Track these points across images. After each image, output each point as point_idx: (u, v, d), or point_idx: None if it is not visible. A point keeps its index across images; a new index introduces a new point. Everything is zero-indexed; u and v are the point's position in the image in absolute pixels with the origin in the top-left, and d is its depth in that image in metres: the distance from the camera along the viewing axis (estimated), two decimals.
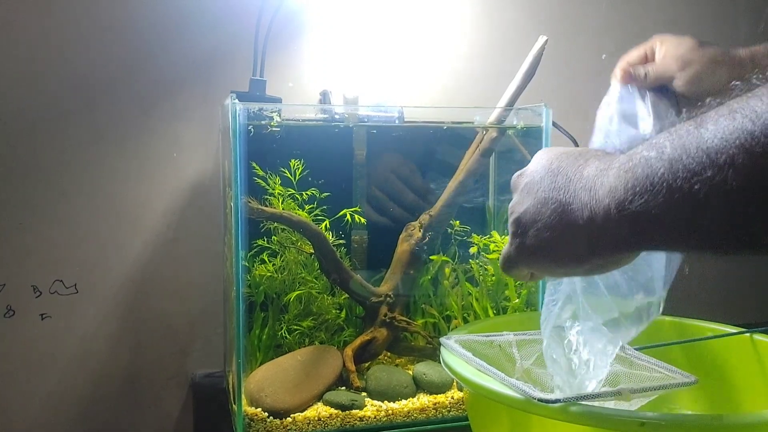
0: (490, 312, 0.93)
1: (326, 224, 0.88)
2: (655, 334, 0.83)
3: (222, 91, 0.95)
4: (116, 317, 0.95)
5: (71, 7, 0.90)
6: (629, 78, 0.68)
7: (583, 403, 0.54)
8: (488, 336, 0.72)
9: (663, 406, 0.81)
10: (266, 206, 0.84)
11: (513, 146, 0.94)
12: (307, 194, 0.87)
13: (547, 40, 0.88)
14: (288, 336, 0.88)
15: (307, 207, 0.88)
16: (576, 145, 1.04)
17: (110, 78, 0.92)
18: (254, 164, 0.85)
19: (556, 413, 0.55)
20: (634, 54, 0.69)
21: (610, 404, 0.57)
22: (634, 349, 0.69)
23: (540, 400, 0.54)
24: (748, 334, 0.77)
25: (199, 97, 0.96)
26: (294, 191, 0.87)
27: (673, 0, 1.20)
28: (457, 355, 0.66)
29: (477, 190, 0.93)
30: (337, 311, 0.91)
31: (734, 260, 1.26)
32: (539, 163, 0.50)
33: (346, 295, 0.90)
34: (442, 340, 0.71)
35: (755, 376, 0.75)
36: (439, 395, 0.85)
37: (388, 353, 0.93)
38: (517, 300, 0.92)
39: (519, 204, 0.49)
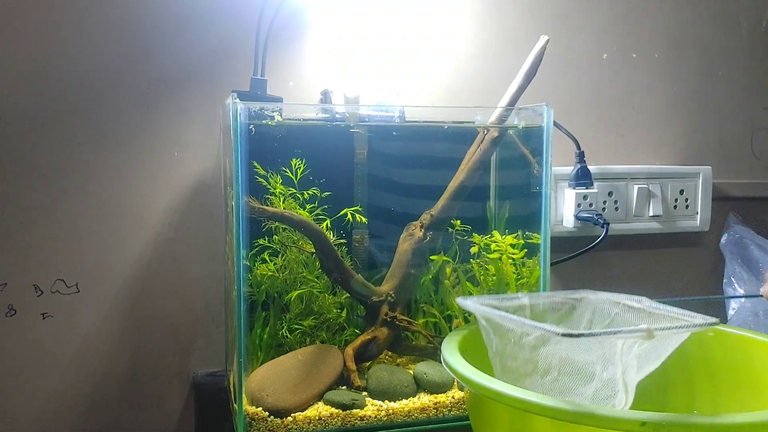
0: None
1: (327, 223, 0.88)
2: None
3: (223, 90, 0.96)
4: (117, 316, 0.95)
5: (72, 4, 0.90)
6: None
7: (602, 335, 0.55)
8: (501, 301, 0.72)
9: (663, 406, 0.81)
10: (267, 205, 0.84)
11: (514, 146, 0.95)
12: (308, 193, 0.88)
13: (548, 40, 0.88)
14: (289, 335, 0.88)
15: (308, 206, 0.88)
16: (576, 144, 1.05)
17: (111, 76, 0.92)
18: (255, 163, 0.85)
19: (558, 413, 0.55)
20: None
21: (633, 372, 0.57)
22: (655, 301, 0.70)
23: (563, 334, 0.55)
24: (761, 338, 0.76)
25: (200, 96, 0.96)
26: (295, 190, 0.87)
27: (674, 0, 1.21)
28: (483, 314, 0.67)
29: (478, 189, 0.93)
30: (338, 310, 0.91)
31: None
32: None
33: (347, 295, 0.90)
34: (460, 301, 0.70)
35: (756, 376, 0.75)
36: (439, 395, 0.85)
37: (389, 353, 0.94)
38: None
39: None
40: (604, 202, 1.13)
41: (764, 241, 1.15)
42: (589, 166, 1.06)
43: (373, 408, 0.82)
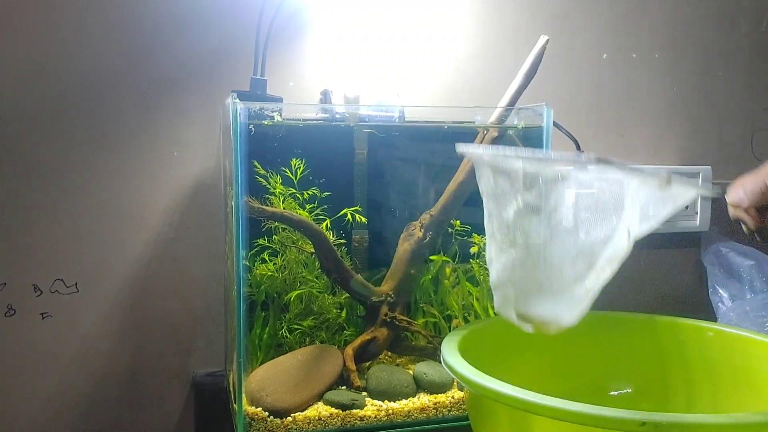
0: (491, 312, 0.93)
1: (327, 223, 0.88)
2: (651, 334, 0.83)
3: (223, 90, 0.96)
4: (117, 316, 0.95)
5: (72, 4, 0.90)
6: None
7: (627, 169, 0.59)
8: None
9: (663, 406, 0.81)
10: (267, 205, 0.84)
11: (514, 146, 0.95)
12: (308, 193, 0.88)
13: (548, 40, 0.88)
14: (289, 335, 0.88)
15: (308, 206, 0.88)
16: (576, 144, 1.05)
17: (111, 76, 0.92)
18: (255, 163, 0.85)
19: (557, 413, 0.55)
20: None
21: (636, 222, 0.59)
22: None
23: (597, 159, 0.58)
24: (761, 338, 0.77)
25: (200, 96, 0.96)
26: (295, 190, 0.87)
27: (674, 0, 1.20)
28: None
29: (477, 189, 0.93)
30: (338, 311, 0.91)
31: None
32: None
33: (347, 295, 0.90)
34: (460, 146, 0.71)
35: (755, 376, 0.75)
36: (439, 395, 0.85)
37: (389, 353, 0.94)
38: None
39: None
40: None
41: (739, 246, 1.16)
42: None
43: (372, 408, 0.82)
